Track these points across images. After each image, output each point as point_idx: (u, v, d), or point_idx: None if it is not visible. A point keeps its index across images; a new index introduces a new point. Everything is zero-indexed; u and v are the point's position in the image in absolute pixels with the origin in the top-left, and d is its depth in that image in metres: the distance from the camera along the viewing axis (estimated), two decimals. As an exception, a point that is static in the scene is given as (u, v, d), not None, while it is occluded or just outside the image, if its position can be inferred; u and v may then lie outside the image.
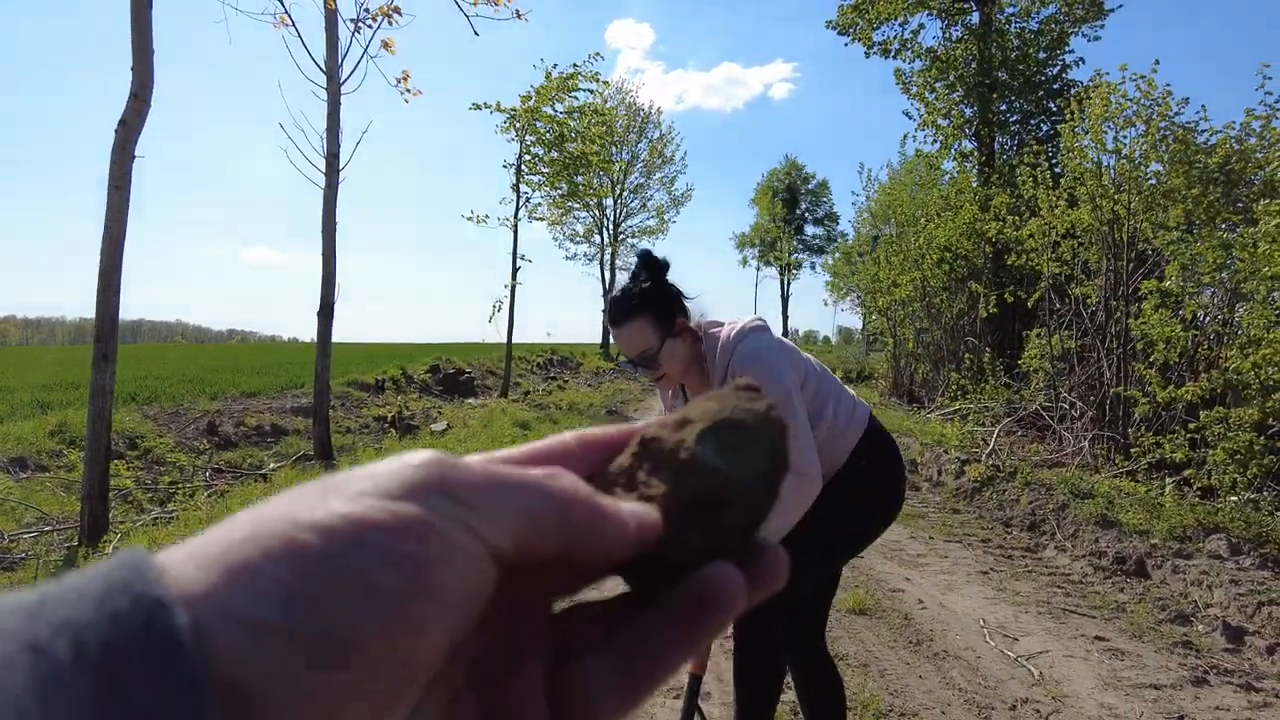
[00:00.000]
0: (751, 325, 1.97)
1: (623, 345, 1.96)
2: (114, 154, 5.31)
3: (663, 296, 1.96)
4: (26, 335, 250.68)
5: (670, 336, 1.94)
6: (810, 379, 1.99)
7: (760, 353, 1.89)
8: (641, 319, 1.93)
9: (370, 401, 12.21)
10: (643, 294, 1.94)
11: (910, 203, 18.10)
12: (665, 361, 1.95)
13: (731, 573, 0.27)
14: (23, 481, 6.34)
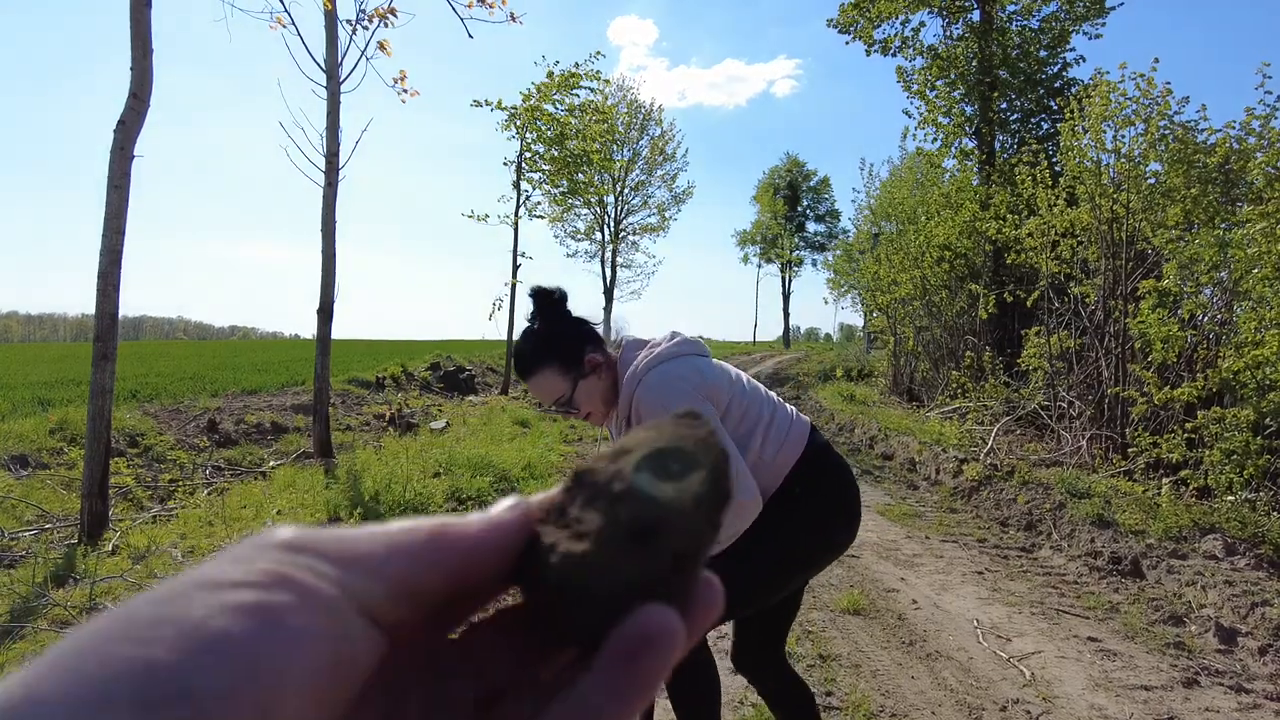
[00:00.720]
0: (669, 352, 1.84)
1: (536, 394, 1.87)
2: (113, 154, 5.32)
3: (564, 337, 1.86)
4: (29, 331, 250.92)
5: (581, 378, 1.85)
6: (734, 406, 1.85)
7: (665, 386, 1.77)
8: (547, 367, 1.84)
9: (371, 399, 12.24)
10: (543, 339, 1.85)
11: (910, 200, 18.11)
12: (583, 404, 1.87)
13: (667, 615, 0.25)
14: (24, 479, 6.36)
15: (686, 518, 0.27)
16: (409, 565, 0.25)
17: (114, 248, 5.29)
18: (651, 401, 1.75)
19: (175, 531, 4.97)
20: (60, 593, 3.82)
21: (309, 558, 0.23)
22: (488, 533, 0.27)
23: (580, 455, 8.64)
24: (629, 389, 1.81)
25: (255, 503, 5.57)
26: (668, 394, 1.75)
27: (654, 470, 0.28)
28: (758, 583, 1.84)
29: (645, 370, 1.81)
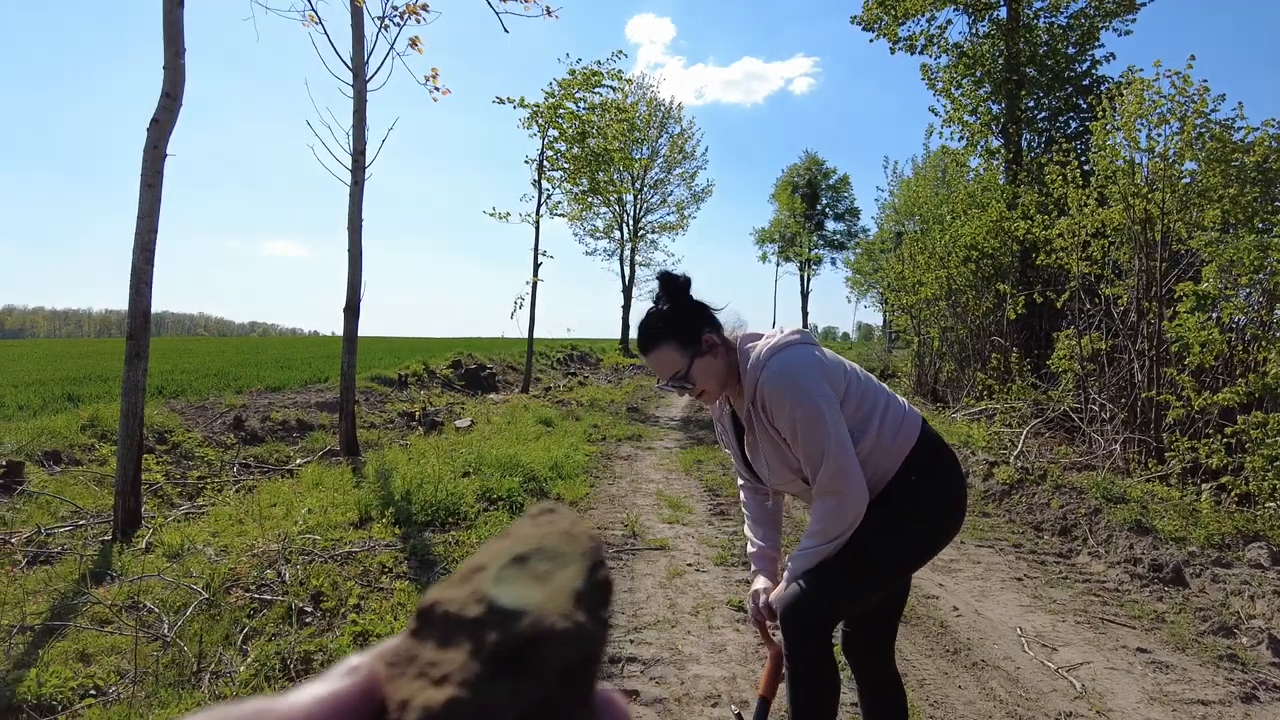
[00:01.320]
0: (786, 340, 1.92)
1: (654, 370, 1.97)
2: (146, 152, 5.34)
3: (685, 317, 1.95)
4: (55, 327, 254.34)
5: (699, 356, 1.93)
6: (852, 391, 1.92)
7: (788, 371, 1.84)
8: (666, 344, 1.94)
9: (394, 397, 12.27)
10: (664, 318, 1.95)
11: (935, 199, 17.93)
12: (699, 380, 1.95)
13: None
14: (57, 475, 6.41)
15: (567, 621, 0.23)
16: None
17: (146, 245, 5.31)
18: (776, 385, 1.82)
19: (207, 530, 4.98)
20: (100, 590, 3.83)
21: None
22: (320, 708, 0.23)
23: (605, 455, 8.61)
24: (753, 375, 1.87)
25: (285, 501, 5.58)
26: (792, 378, 1.82)
27: (516, 578, 0.24)
28: (882, 568, 1.90)
29: (768, 356, 1.87)
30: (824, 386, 1.84)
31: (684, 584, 4.38)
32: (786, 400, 1.81)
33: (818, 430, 1.79)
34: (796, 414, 1.80)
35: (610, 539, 5.26)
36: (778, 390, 1.82)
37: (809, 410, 1.79)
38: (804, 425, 1.80)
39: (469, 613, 0.23)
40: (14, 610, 3.68)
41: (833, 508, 1.81)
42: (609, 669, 3.31)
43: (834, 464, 1.79)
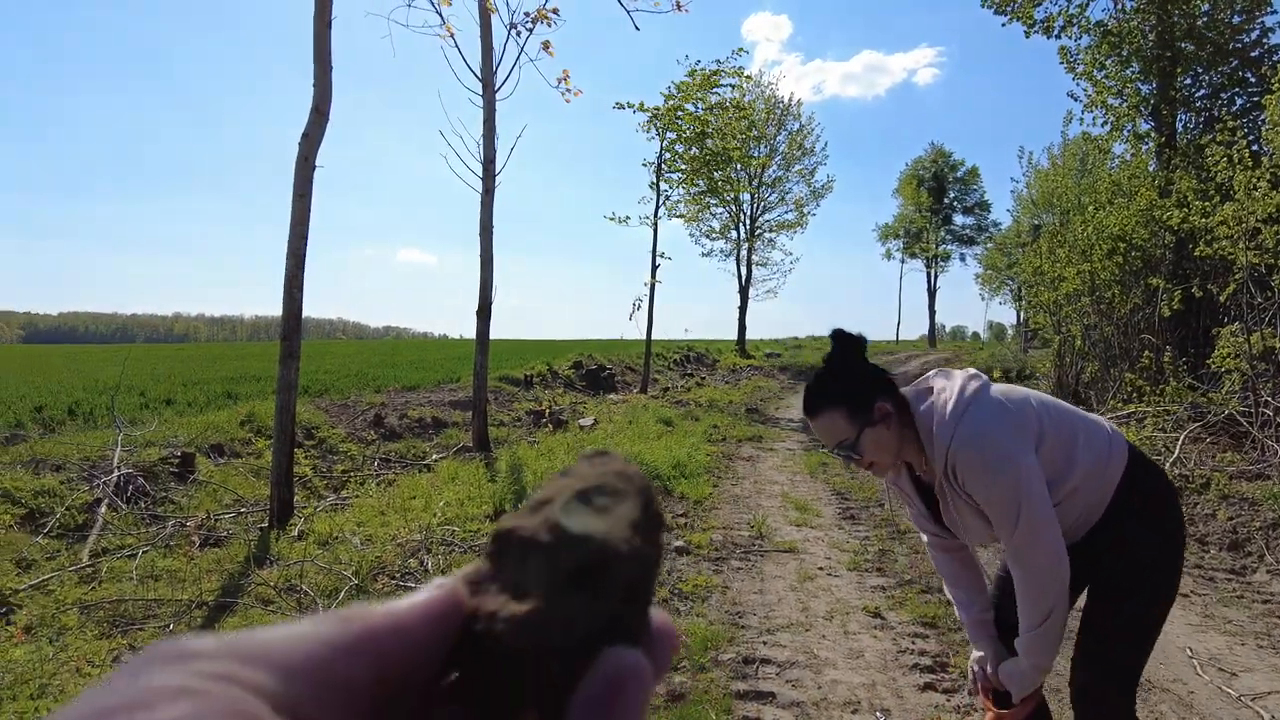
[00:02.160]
0: (968, 395, 1.76)
1: (819, 435, 1.85)
2: (297, 165, 5.70)
3: (856, 382, 1.81)
4: (213, 332, 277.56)
5: (869, 425, 1.78)
6: (1047, 428, 1.77)
7: (981, 436, 1.70)
8: (833, 409, 1.80)
9: (520, 396, 12.64)
10: (833, 382, 1.81)
11: (1075, 189, 16.85)
12: (868, 452, 1.80)
13: (634, 656, 0.24)
14: (221, 466, 6.96)
15: (629, 545, 0.26)
16: (329, 654, 0.22)
17: (298, 252, 5.68)
18: (971, 455, 1.70)
19: (353, 520, 5.27)
20: (263, 573, 4.12)
21: (212, 663, 0.20)
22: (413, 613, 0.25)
23: (726, 455, 8.56)
24: (942, 444, 1.74)
25: (423, 494, 5.83)
26: (986, 443, 1.69)
27: (581, 510, 0.27)
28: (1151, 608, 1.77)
29: (954, 421, 1.73)
30: (1020, 443, 1.70)
31: (816, 588, 4.28)
32: (981, 470, 1.69)
33: (1013, 495, 1.66)
34: (994, 482, 1.68)
35: (736, 540, 5.21)
36: (973, 460, 1.69)
37: (1008, 478, 1.66)
38: (1000, 493, 1.68)
39: (542, 538, 0.26)
40: (192, 587, 4.01)
41: (1033, 584, 1.68)
42: (743, 668, 3.27)
43: (1027, 530, 1.66)
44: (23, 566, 4.48)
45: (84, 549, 4.70)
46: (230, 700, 0.19)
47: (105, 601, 3.83)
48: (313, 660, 0.22)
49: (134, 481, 5.76)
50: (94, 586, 4.09)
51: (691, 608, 3.97)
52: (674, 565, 4.65)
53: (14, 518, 4.98)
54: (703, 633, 3.56)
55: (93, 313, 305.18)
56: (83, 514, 5.25)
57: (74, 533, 5.05)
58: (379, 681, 0.24)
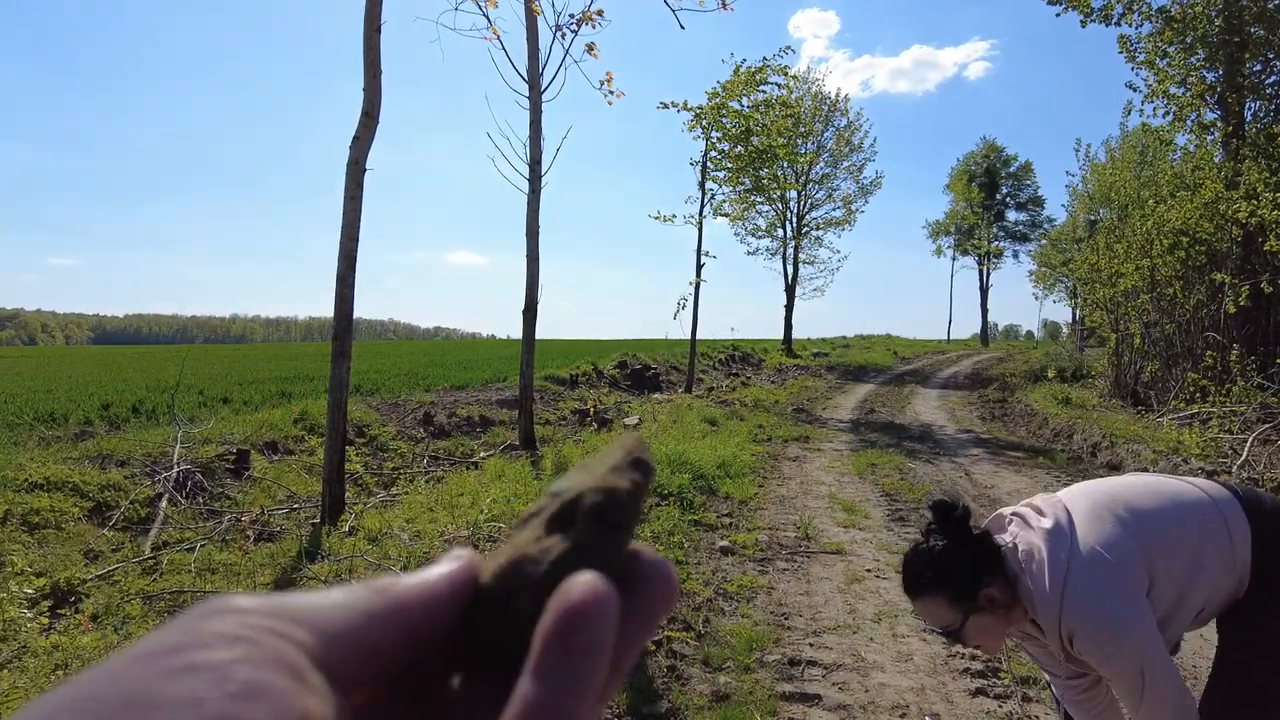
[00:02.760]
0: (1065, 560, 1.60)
1: (920, 617, 1.75)
2: (348, 168, 5.81)
3: (961, 563, 1.65)
4: (268, 332, 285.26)
5: (975, 613, 1.64)
6: (1158, 565, 1.61)
7: (1091, 607, 1.55)
8: (934, 595, 1.66)
9: (566, 395, 12.72)
10: (934, 564, 1.66)
11: (1134, 182, 16.35)
12: (973, 639, 1.68)
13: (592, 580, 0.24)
14: (275, 462, 7.14)
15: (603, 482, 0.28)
16: (363, 621, 0.24)
17: (349, 253, 5.78)
18: (1084, 630, 1.56)
19: (402, 516, 5.36)
20: (314, 567, 4.21)
21: (260, 618, 0.22)
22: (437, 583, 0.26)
23: (771, 455, 8.48)
24: (1051, 617, 1.60)
25: (471, 491, 5.90)
26: (1098, 614, 1.55)
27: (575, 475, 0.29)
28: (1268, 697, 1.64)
29: (1058, 598, 1.59)
30: (1131, 604, 1.56)
31: (864, 590, 4.22)
32: (1095, 646, 1.56)
33: (1135, 666, 1.53)
34: (1112, 656, 1.55)
35: (782, 540, 5.16)
36: (1085, 636, 1.57)
37: (1127, 650, 1.53)
38: (1120, 667, 1.55)
39: (539, 505, 0.29)
40: (247, 580, 4.12)
41: None
42: (789, 669, 3.23)
43: (1154, 699, 1.53)
44: (90, 557, 4.65)
45: (146, 542, 4.86)
46: (277, 650, 0.21)
47: (166, 593, 3.95)
48: (349, 625, 0.24)
49: (193, 477, 5.94)
50: (155, 578, 4.23)
51: (736, 608, 3.95)
52: (719, 565, 4.62)
53: (82, 510, 5.18)
54: (748, 633, 3.53)
55: (156, 314, 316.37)
56: (145, 508, 5.44)
57: (137, 526, 5.23)
58: (406, 646, 0.25)
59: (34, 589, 3.86)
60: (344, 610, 0.24)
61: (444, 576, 0.27)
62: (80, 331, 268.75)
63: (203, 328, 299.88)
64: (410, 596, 0.26)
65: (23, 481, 5.24)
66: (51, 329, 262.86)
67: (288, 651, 0.21)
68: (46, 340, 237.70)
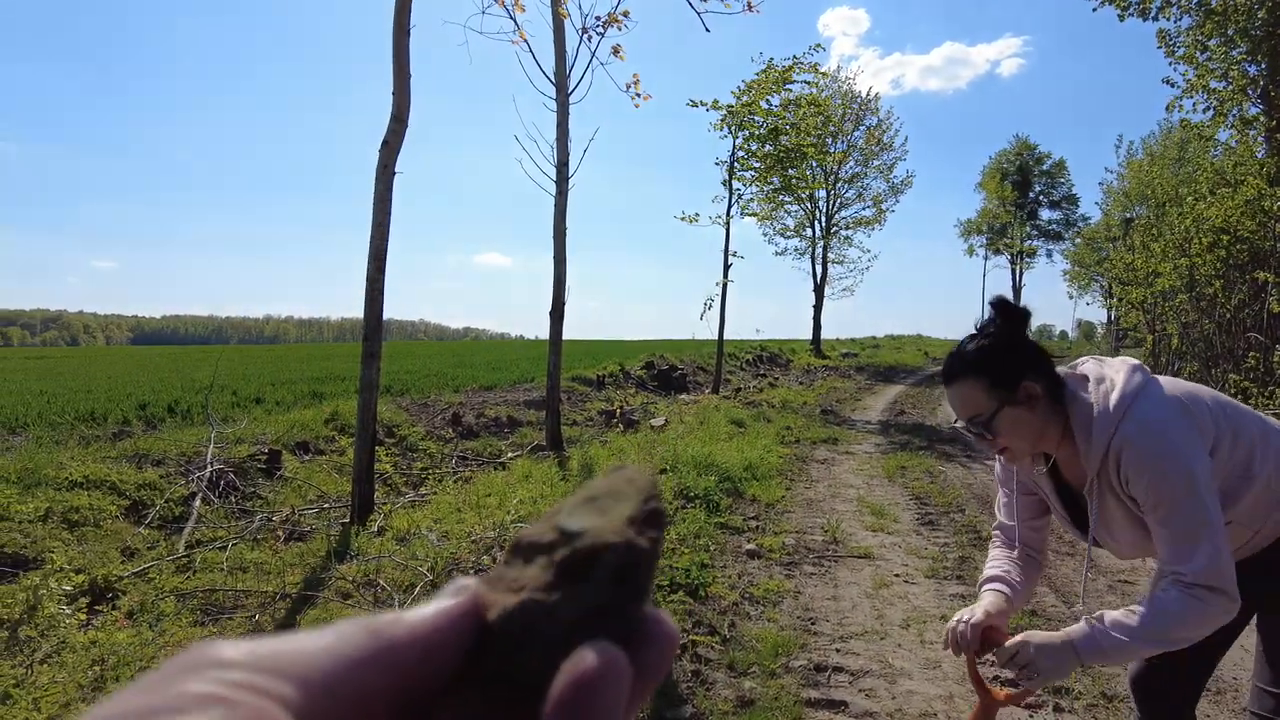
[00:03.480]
0: (1136, 386, 1.54)
1: (952, 406, 1.65)
2: (377, 172, 5.86)
3: (1007, 354, 1.60)
4: (302, 333, 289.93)
5: (1010, 404, 1.57)
6: (1223, 435, 1.55)
7: (1153, 429, 1.49)
8: (973, 379, 1.59)
9: (593, 396, 12.74)
10: (980, 349, 1.60)
11: (1173, 179, 16.04)
12: (1002, 432, 1.58)
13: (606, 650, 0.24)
14: (306, 463, 7.24)
15: (618, 535, 0.27)
16: (354, 667, 0.23)
17: (379, 256, 5.84)
18: (1141, 451, 1.48)
19: (430, 516, 5.40)
20: (342, 567, 4.26)
21: (242, 673, 0.21)
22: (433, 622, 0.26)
23: (799, 458, 8.43)
24: (1103, 436, 1.53)
25: (499, 491, 5.93)
26: (1161, 439, 1.48)
27: (583, 511, 0.28)
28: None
29: (1120, 412, 1.53)
30: (1197, 445, 1.48)
31: (892, 595, 4.17)
32: (1149, 466, 1.47)
33: (1189, 505, 1.44)
34: (1162, 482, 1.46)
35: (809, 544, 5.12)
36: (1139, 455, 1.48)
37: (1179, 477, 1.44)
38: (1169, 493, 1.46)
39: (544, 539, 0.28)
40: (277, 579, 4.17)
41: (1196, 609, 1.42)
42: (815, 675, 3.21)
43: (1210, 551, 1.43)
44: (127, 555, 4.75)
45: (180, 540, 4.95)
46: (257, 709, 0.20)
47: (199, 591, 4.02)
48: (338, 672, 0.23)
49: (225, 477, 6.04)
50: (189, 576, 4.30)
51: (762, 612, 3.92)
52: (745, 569, 4.59)
53: (119, 509, 5.28)
54: (774, 638, 3.51)
55: (192, 315, 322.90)
56: (180, 506, 5.54)
57: (171, 524, 5.33)
58: (398, 689, 0.24)
59: (73, 585, 3.94)
60: (333, 657, 0.23)
61: (446, 616, 0.26)
62: (119, 332, 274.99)
63: (237, 328, 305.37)
64: (407, 639, 0.25)
65: (64, 480, 5.36)
66: (93, 329, 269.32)
67: (267, 711, 0.20)
68: (88, 340, 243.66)
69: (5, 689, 2.94)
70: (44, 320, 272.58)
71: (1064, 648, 1.47)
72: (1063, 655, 1.47)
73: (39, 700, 2.90)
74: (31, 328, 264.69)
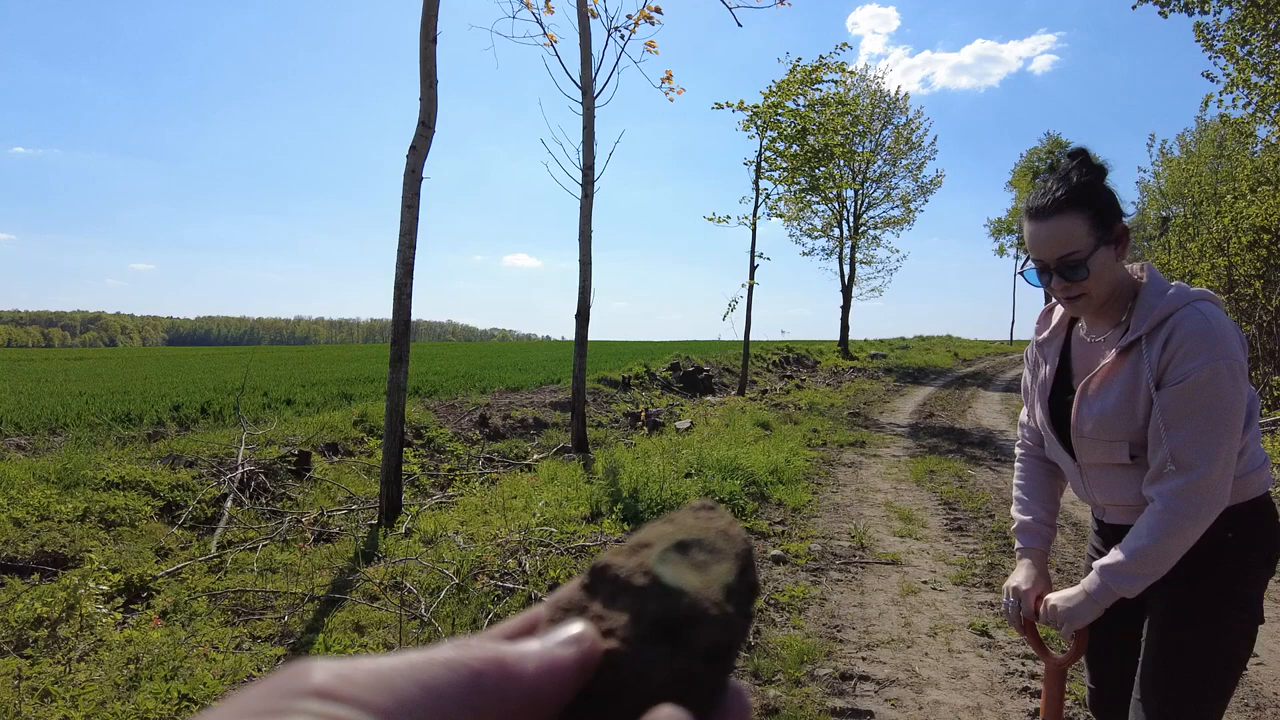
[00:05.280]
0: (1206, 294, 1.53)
1: (1040, 244, 1.54)
2: (405, 177, 5.93)
3: (1106, 193, 1.55)
4: (332, 334, 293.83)
5: (1107, 244, 1.51)
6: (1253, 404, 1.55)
7: (1221, 321, 1.46)
8: (1076, 213, 1.50)
9: (618, 398, 12.76)
10: (1084, 182, 1.53)
11: (1210, 177, 15.71)
12: (1095, 274, 1.51)
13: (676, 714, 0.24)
14: (335, 464, 7.32)
15: (718, 608, 0.26)
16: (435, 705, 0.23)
17: (407, 260, 5.90)
18: (1203, 329, 1.44)
19: (457, 518, 5.44)
20: (369, 570, 4.31)
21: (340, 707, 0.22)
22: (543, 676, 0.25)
23: (826, 461, 8.37)
24: (1172, 303, 1.49)
25: (524, 494, 5.96)
26: (1223, 330, 1.45)
27: (678, 562, 0.27)
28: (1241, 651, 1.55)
29: (1197, 296, 1.50)
30: (1244, 371, 1.46)
31: (919, 602, 4.12)
32: (1206, 349, 1.43)
33: (1221, 396, 1.41)
34: (1207, 363, 1.41)
35: (836, 550, 5.08)
36: (1202, 334, 1.44)
37: (1224, 370, 1.41)
38: (1206, 378, 1.41)
39: (635, 581, 0.27)
40: (305, 581, 4.23)
41: (1181, 487, 1.42)
42: (840, 684, 3.18)
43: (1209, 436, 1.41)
44: (160, 555, 4.84)
45: (212, 541, 5.03)
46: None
47: (230, 591, 4.09)
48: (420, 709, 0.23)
49: (256, 478, 6.13)
50: (220, 576, 4.38)
51: (788, 619, 3.90)
52: (770, 575, 4.57)
53: (154, 509, 5.39)
54: (799, 645, 3.48)
55: (225, 316, 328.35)
56: (211, 507, 5.63)
57: (204, 525, 5.42)
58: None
59: (110, 585, 4.03)
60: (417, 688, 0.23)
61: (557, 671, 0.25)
62: (155, 333, 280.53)
63: (269, 329, 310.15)
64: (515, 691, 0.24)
65: (101, 480, 5.47)
66: (130, 331, 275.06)
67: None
68: (125, 341, 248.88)
69: (45, 686, 3.00)
70: (84, 321, 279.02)
71: (1081, 596, 1.54)
72: (1085, 605, 1.54)
73: (76, 698, 2.96)
74: (72, 329, 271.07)
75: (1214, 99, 13.41)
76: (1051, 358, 1.73)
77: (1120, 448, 1.55)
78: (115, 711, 2.86)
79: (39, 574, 4.13)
